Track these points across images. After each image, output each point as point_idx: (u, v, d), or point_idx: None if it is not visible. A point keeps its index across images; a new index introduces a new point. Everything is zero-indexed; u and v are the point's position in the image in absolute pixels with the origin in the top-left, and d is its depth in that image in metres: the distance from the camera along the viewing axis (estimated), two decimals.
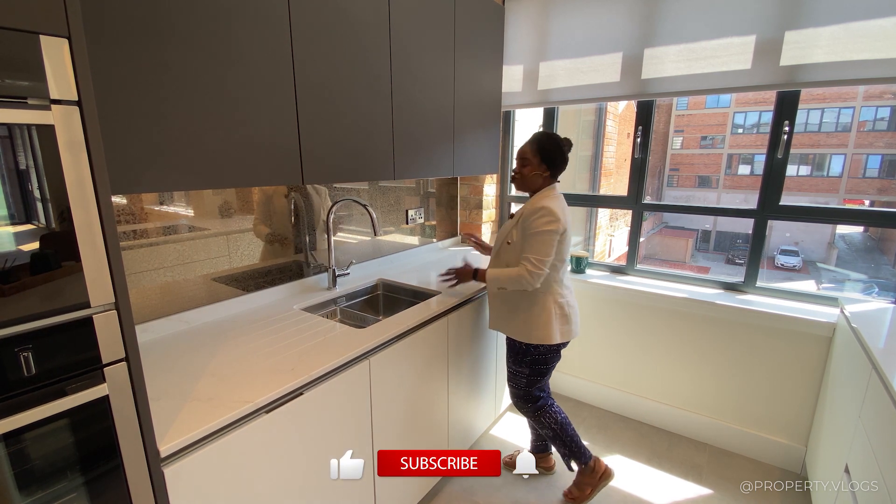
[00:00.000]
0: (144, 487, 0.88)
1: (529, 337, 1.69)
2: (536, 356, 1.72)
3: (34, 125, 0.69)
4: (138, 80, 1.03)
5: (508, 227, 1.70)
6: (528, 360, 1.73)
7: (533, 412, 1.80)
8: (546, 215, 1.55)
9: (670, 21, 2.02)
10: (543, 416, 1.78)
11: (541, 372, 1.76)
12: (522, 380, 1.77)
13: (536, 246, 1.56)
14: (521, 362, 1.75)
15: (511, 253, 1.66)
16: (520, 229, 1.62)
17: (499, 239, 1.74)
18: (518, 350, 1.75)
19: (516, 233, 1.64)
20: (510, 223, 1.69)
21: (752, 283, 2.12)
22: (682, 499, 1.86)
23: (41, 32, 0.68)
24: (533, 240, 1.57)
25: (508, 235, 1.67)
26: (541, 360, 1.73)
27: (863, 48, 1.68)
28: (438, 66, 1.97)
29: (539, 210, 1.57)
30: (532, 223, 1.57)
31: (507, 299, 1.73)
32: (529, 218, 1.58)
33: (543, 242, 1.56)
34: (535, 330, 1.67)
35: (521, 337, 1.71)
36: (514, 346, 1.77)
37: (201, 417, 0.98)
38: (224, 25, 1.17)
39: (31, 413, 0.72)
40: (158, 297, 1.42)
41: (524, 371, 1.76)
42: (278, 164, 1.37)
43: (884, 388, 1.19)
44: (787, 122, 1.91)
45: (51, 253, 0.74)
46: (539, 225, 1.56)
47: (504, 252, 1.70)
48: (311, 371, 1.19)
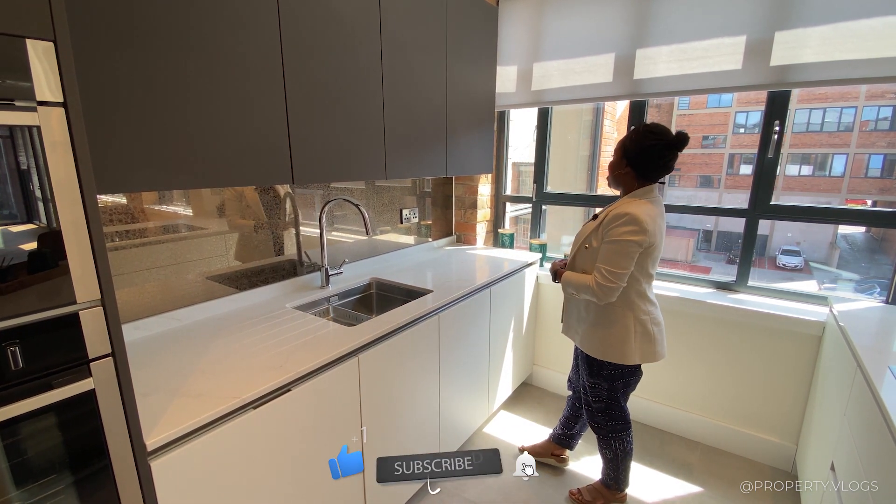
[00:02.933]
0: (131, 481, 0.90)
1: (605, 354, 1.56)
2: (613, 371, 1.60)
3: (21, 126, 0.71)
4: (126, 80, 1.05)
5: (589, 228, 1.54)
6: (604, 374, 1.61)
7: (608, 432, 1.68)
8: (629, 223, 1.38)
9: (662, 22, 2.03)
10: (617, 442, 1.69)
11: (616, 387, 1.62)
12: (603, 393, 1.65)
13: (611, 256, 1.41)
14: (598, 375, 1.63)
15: (587, 259, 1.52)
16: (599, 234, 1.48)
17: (577, 240, 1.60)
18: (592, 362, 1.63)
19: (596, 237, 1.49)
20: (591, 225, 1.54)
21: (744, 283, 2.13)
22: (672, 497, 1.87)
23: (28, 36, 0.70)
24: (609, 249, 1.41)
25: (587, 239, 1.52)
26: (617, 376, 1.60)
27: (852, 48, 1.68)
28: (430, 66, 1.99)
29: (623, 217, 1.39)
30: (612, 230, 1.41)
31: (584, 307, 1.60)
32: (611, 223, 1.42)
33: (620, 253, 1.40)
34: (611, 347, 1.54)
35: (594, 353, 1.58)
36: (588, 358, 1.64)
37: (189, 413, 1.00)
38: (212, 26, 1.19)
39: (17, 406, 0.74)
40: (151, 295, 1.44)
41: (603, 385, 1.63)
42: (268, 164, 1.39)
43: (867, 387, 1.20)
44: (777, 121, 1.92)
45: (38, 251, 0.76)
46: (619, 233, 1.40)
47: (580, 257, 1.56)
48: (299, 368, 1.21)
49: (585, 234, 1.55)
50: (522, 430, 2.33)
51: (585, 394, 1.72)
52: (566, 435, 2.00)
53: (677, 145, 1.40)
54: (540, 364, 2.74)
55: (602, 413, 1.68)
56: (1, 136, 0.71)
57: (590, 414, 1.73)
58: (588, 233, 1.53)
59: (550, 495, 1.89)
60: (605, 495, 1.80)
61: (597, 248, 1.47)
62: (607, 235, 1.43)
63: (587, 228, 1.56)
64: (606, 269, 1.41)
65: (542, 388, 2.73)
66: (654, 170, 1.45)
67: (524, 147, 2.96)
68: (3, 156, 0.72)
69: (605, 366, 1.59)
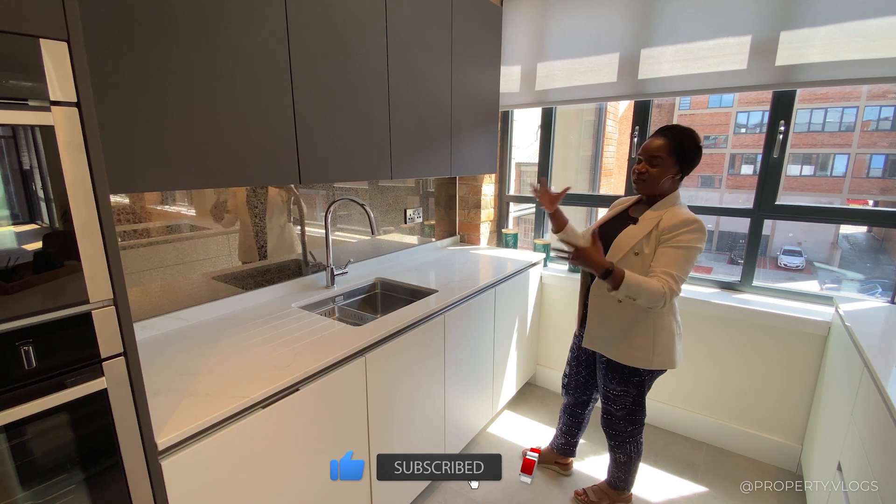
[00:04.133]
0: (142, 479, 0.90)
1: (650, 362, 1.49)
2: (645, 377, 1.56)
3: (35, 126, 0.71)
4: (137, 81, 1.05)
5: (635, 234, 1.46)
6: (636, 381, 1.57)
7: (627, 437, 1.66)
8: (699, 231, 1.38)
9: (667, 21, 2.03)
10: (632, 444, 1.67)
11: (644, 392, 1.60)
12: (628, 399, 1.60)
13: (683, 263, 1.38)
14: (628, 382, 1.57)
15: (636, 266, 1.44)
16: (654, 241, 1.42)
17: (618, 245, 1.49)
18: (625, 370, 1.56)
19: (648, 244, 1.43)
20: (637, 230, 1.46)
21: (749, 283, 2.13)
22: (677, 496, 1.88)
23: (41, 36, 0.70)
24: (679, 255, 1.38)
25: (637, 245, 1.45)
26: (648, 381, 1.58)
27: (858, 48, 1.68)
28: (436, 66, 1.99)
29: (693, 223, 1.38)
30: (679, 236, 1.38)
31: (619, 317, 1.51)
32: (678, 229, 1.38)
33: (690, 260, 1.38)
34: (657, 355, 1.49)
35: (636, 362, 1.51)
36: (618, 367, 1.57)
37: (199, 412, 1.00)
38: (221, 27, 1.19)
39: (30, 405, 0.74)
40: (158, 295, 1.45)
41: (631, 391, 1.58)
42: (275, 164, 1.39)
43: (875, 386, 1.20)
44: (782, 121, 1.92)
45: (52, 250, 0.76)
46: (689, 240, 1.37)
47: (626, 264, 1.45)
48: (306, 367, 1.21)
49: (634, 239, 1.45)
50: (526, 430, 2.33)
51: (608, 402, 1.65)
52: (569, 444, 1.98)
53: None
54: (543, 364, 2.74)
55: (624, 420, 1.64)
56: (14, 137, 0.71)
57: (610, 422, 1.67)
58: (638, 238, 1.45)
59: (556, 496, 1.89)
60: (612, 496, 1.80)
61: (649, 255, 1.42)
62: (674, 241, 1.38)
63: (632, 234, 1.47)
64: (678, 276, 1.37)
65: (545, 389, 2.73)
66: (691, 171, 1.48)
67: (525, 147, 2.96)
68: (18, 156, 0.72)
69: (639, 372, 1.55)
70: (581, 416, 1.92)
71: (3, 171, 0.71)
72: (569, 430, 1.96)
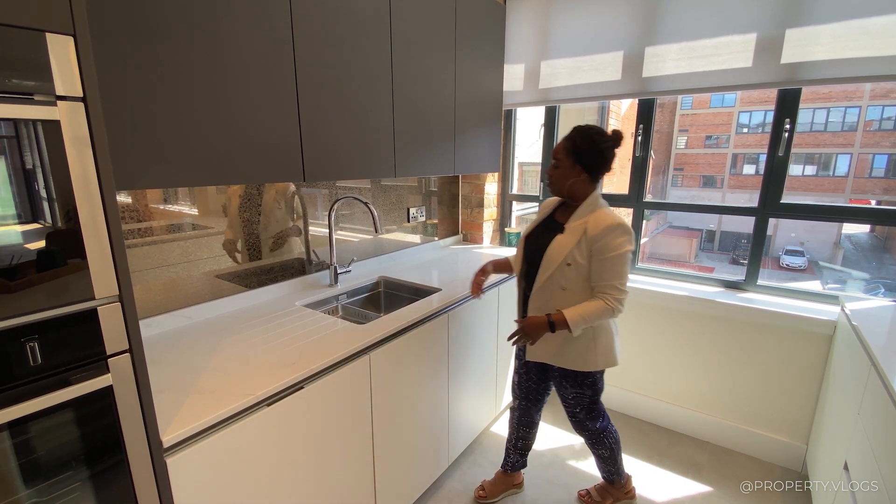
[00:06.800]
0: (147, 477, 0.90)
1: (595, 364, 1.51)
2: (598, 376, 1.59)
3: (40, 121, 0.71)
4: (141, 77, 1.05)
5: (564, 244, 1.43)
6: (589, 382, 1.59)
7: (598, 434, 1.68)
8: (625, 233, 1.38)
9: (671, 19, 2.02)
10: (608, 437, 1.69)
11: (600, 389, 1.62)
12: (585, 399, 1.62)
13: (620, 269, 1.38)
14: (582, 385, 1.59)
15: (571, 276, 1.42)
16: (585, 249, 1.40)
17: (550, 258, 1.45)
18: (577, 375, 1.57)
19: (580, 253, 1.41)
20: (566, 240, 1.43)
21: (754, 282, 2.12)
22: (682, 496, 1.87)
23: (47, 30, 0.70)
24: (615, 263, 1.38)
25: (569, 255, 1.42)
26: (599, 378, 1.60)
27: (864, 45, 1.67)
28: (440, 64, 1.98)
29: (617, 228, 1.37)
30: (610, 244, 1.37)
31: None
32: (604, 238, 1.37)
33: (625, 264, 1.39)
34: (601, 356, 1.51)
35: (583, 366, 1.52)
36: (569, 373, 1.58)
37: (203, 409, 1.00)
38: (227, 24, 1.19)
39: (36, 402, 0.74)
40: (161, 293, 1.44)
41: (587, 392, 1.61)
42: (280, 162, 1.38)
43: (882, 386, 1.19)
44: (787, 120, 1.91)
45: (57, 247, 0.75)
46: (618, 244, 1.37)
47: (561, 275, 1.43)
48: (311, 365, 1.21)
49: (565, 250, 1.42)
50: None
51: (569, 406, 1.66)
52: (524, 456, 1.89)
53: (619, 143, 1.42)
54: None
55: (590, 419, 1.66)
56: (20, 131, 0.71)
57: (579, 424, 1.69)
58: (568, 249, 1.42)
59: (560, 496, 1.88)
60: (614, 493, 1.79)
61: (583, 264, 1.41)
62: (607, 250, 1.37)
63: (562, 244, 1.43)
64: (620, 283, 1.39)
65: None
66: (603, 171, 1.45)
67: (527, 146, 2.96)
68: (22, 151, 0.72)
69: (591, 374, 1.57)
70: (537, 422, 1.85)
71: (9, 166, 0.71)
72: (523, 443, 1.85)
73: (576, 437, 2.21)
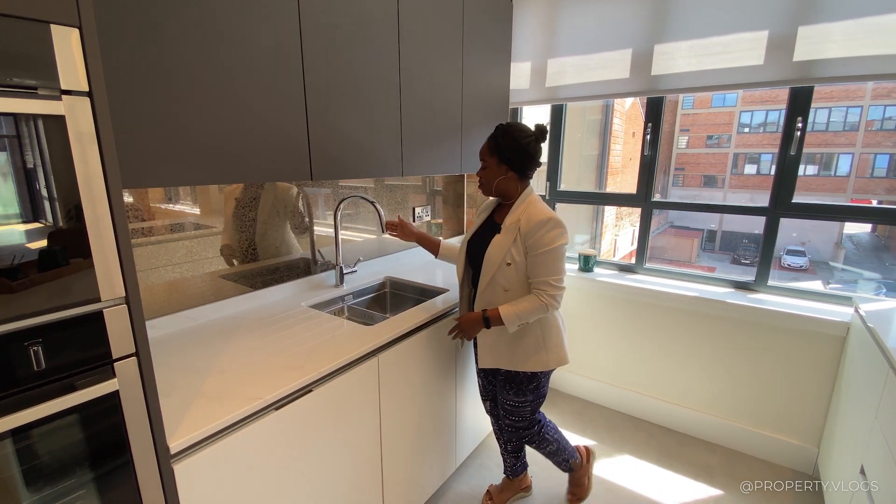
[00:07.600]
0: (154, 484, 0.87)
1: (546, 363, 1.47)
2: (542, 379, 1.54)
3: (44, 115, 0.68)
4: (146, 73, 1.02)
5: (501, 244, 1.40)
6: (532, 387, 1.54)
7: (536, 435, 1.65)
8: (556, 227, 1.35)
9: (681, 16, 1.99)
10: (547, 431, 1.67)
11: (543, 394, 1.59)
12: (527, 408, 1.58)
13: (554, 264, 1.36)
14: (524, 391, 1.54)
15: (513, 276, 1.40)
16: (521, 246, 1.38)
17: (490, 259, 1.42)
18: (522, 380, 1.53)
19: (517, 251, 1.39)
20: (503, 240, 1.40)
21: (764, 282, 2.09)
22: (692, 499, 1.84)
23: (52, 21, 0.67)
24: (548, 258, 1.36)
25: (507, 255, 1.39)
26: (544, 382, 1.56)
27: (877, 43, 1.65)
28: (446, 62, 1.96)
29: (547, 223, 1.35)
30: (542, 239, 1.35)
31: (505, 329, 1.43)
32: (537, 233, 1.35)
33: (559, 259, 1.37)
34: (551, 354, 1.47)
35: (534, 366, 1.47)
36: (516, 378, 1.53)
37: (211, 414, 0.97)
38: (234, 20, 1.16)
39: (40, 408, 0.71)
40: (164, 294, 1.42)
41: (528, 399, 1.56)
42: (287, 160, 1.36)
43: None
44: (800, 118, 1.88)
45: (61, 247, 0.73)
46: (551, 240, 1.35)
47: (502, 276, 1.41)
48: (319, 368, 1.18)
49: (503, 250, 1.39)
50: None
51: (509, 415, 1.60)
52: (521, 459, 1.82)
53: (543, 137, 1.40)
54: None
55: (527, 428, 1.63)
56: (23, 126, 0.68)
57: (515, 434, 1.64)
58: (506, 248, 1.39)
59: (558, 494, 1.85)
60: (580, 472, 1.81)
61: (522, 262, 1.39)
62: (540, 246, 1.35)
63: (500, 244, 1.40)
64: (555, 279, 1.36)
65: (554, 389, 2.69)
66: (531, 168, 1.43)
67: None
68: (24, 148, 0.69)
69: (536, 377, 1.52)
70: None
71: (13, 163, 0.68)
72: (513, 445, 1.76)
73: (578, 437, 2.20)
